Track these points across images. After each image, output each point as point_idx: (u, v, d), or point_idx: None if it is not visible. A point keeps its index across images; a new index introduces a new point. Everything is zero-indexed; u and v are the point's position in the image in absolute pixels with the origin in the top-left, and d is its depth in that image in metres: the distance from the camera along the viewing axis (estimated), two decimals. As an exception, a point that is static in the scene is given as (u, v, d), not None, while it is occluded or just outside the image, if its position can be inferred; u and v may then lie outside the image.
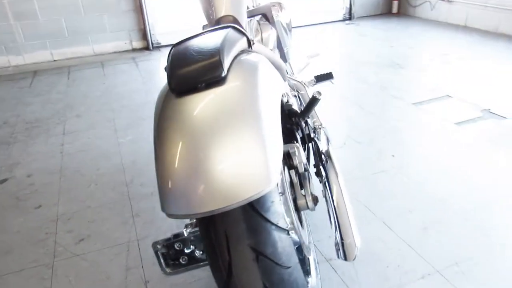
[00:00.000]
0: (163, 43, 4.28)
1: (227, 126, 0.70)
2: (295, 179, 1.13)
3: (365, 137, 2.21)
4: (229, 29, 0.92)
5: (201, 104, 0.72)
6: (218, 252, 0.79)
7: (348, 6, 4.85)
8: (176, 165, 0.68)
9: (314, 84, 2.17)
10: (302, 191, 1.11)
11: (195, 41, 0.83)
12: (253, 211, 0.78)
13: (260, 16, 1.66)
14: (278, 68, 1.16)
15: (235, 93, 0.74)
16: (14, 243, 1.57)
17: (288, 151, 1.13)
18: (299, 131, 1.38)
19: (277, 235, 0.81)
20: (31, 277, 1.41)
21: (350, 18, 4.88)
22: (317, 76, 2.23)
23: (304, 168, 1.16)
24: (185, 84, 0.74)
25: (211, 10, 1.45)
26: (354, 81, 3.05)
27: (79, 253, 1.50)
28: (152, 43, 4.21)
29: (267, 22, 1.64)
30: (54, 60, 3.94)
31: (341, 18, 4.88)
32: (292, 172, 1.13)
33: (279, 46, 1.72)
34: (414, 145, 2.10)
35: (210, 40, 0.82)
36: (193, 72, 0.75)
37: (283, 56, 1.78)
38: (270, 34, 1.59)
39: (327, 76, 2.24)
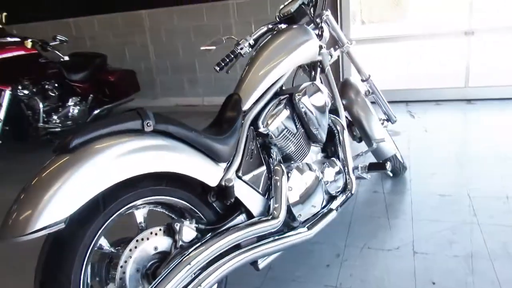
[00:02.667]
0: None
1: (40, 180, 1.00)
2: (173, 251, 1.28)
3: (426, 247, 1.86)
4: (130, 112, 1.17)
5: (49, 163, 1.05)
6: None
7: None
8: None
9: (368, 172, 1.99)
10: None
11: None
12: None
13: (286, 96, 1.71)
14: (207, 150, 1.32)
15: (66, 161, 1.03)
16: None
17: (171, 225, 1.29)
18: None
19: None
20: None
21: None
22: (371, 163, 2.05)
23: (181, 246, 1.28)
24: (56, 147, 1.08)
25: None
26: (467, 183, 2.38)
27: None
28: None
29: (284, 104, 1.68)
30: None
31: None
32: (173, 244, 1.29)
33: (307, 127, 1.75)
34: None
35: (98, 121, 1.15)
36: (62, 141, 1.08)
37: (314, 137, 1.79)
38: (280, 116, 1.65)
39: (381, 167, 2.03)
